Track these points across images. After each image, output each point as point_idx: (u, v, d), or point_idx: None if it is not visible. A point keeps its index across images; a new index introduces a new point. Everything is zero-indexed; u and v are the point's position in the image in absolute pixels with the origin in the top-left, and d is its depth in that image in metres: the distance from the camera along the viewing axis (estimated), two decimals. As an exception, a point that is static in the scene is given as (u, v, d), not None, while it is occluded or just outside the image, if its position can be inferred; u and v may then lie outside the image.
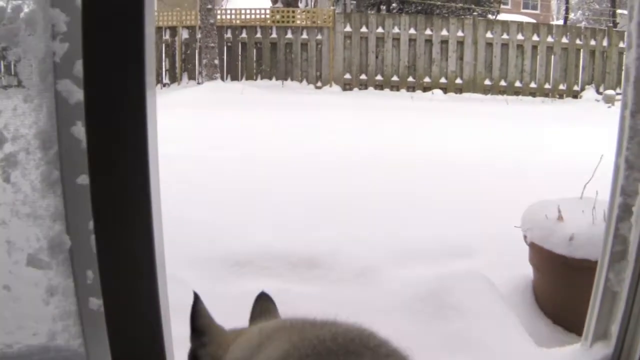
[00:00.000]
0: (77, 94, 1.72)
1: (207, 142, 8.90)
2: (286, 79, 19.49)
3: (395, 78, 19.51)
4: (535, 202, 4.43)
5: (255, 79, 19.46)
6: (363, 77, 19.57)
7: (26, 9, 1.75)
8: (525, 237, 4.25)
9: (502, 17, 26.43)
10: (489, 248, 5.00)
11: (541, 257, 4.12)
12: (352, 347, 1.33)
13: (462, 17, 22.71)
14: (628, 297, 2.22)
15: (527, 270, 4.38)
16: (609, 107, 16.48)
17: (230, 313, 3.91)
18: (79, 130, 1.75)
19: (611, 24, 30.14)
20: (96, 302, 1.85)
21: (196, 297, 1.69)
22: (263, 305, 1.86)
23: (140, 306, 1.71)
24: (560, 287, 4.08)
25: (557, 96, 19.20)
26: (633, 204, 2.23)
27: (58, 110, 1.77)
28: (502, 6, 31.59)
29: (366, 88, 19.47)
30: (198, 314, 1.67)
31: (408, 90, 19.24)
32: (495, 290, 3.93)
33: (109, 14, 1.51)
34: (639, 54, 2.13)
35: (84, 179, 1.76)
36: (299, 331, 1.44)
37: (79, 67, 1.68)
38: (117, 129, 1.58)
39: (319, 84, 19.49)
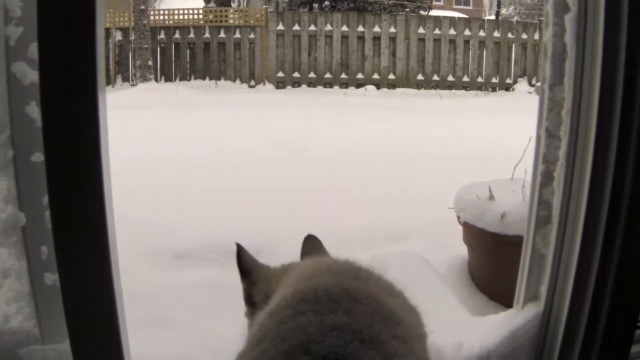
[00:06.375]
0: (32, 76, 1.80)
1: (143, 143, 8.84)
2: (220, 79, 19.40)
3: (328, 75, 19.58)
4: (467, 184, 4.53)
5: (189, 80, 19.34)
6: (296, 75, 19.57)
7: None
8: (458, 217, 4.34)
9: (434, 13, 26.67)
10: (426, 232, 5.11)
11: (475, 236, 4.23)
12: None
13: (395, 13, 22.85)
14: (554, 258, 2.35)
15: (462, 251, 4.48)
16: (541, 98, 16.75)
17: (172, 299, 3.92)
18: (33, 110, 1.82)
19: (543, 18, 30.70)
20: (52, 278, 1.90)
21: (239, 246, 1.92)
22: (311, 244, 2.14)
23: (95, 277, 1.76)
24: (495, 265, 4.17)
25: (490, 89, 19.50)
26: (554, 170, 2.36)
27: (12, 92, 1.83)
28: (434, 2, 31.90)
29: (300, 86, 19.47)
30: (243, 258, 1.91)
31: (341, 87, 19.34)
32: (430, 267, 4.03)
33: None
34: (555, 32, 2.27)
35: (38, 157, 1.83)
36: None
37: (33, 49, 1.77)
38: (71, 107, 1.65)
39: (252, 83, 19.44)
